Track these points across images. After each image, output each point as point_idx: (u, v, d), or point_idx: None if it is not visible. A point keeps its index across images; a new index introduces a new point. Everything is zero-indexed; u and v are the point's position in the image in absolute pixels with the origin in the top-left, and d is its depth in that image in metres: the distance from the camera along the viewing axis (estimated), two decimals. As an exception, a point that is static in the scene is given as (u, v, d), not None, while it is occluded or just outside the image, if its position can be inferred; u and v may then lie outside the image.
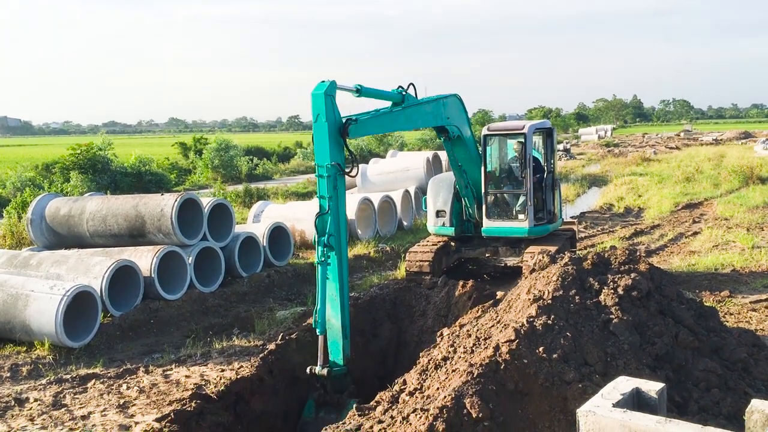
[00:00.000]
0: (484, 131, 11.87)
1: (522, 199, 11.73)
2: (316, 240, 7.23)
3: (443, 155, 24.05)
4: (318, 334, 7.15)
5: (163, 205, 11.67)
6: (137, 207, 11.97)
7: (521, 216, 11.66)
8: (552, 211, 12.01)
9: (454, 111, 10.63)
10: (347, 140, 7.44)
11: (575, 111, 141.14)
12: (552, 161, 12.22)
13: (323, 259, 7.16)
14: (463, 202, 12.20)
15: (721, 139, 63.40)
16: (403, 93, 8.96)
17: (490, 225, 11.84)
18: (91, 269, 10.62)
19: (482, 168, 11.67)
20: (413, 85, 9.27)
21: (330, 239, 7.19)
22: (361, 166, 21.15)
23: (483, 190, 11.77)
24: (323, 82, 7.31)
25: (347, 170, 7.41)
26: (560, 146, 49.91)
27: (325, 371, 7.04)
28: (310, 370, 7.12)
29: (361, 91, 8.01)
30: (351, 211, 16.61)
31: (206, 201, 12.53)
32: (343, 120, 7.46)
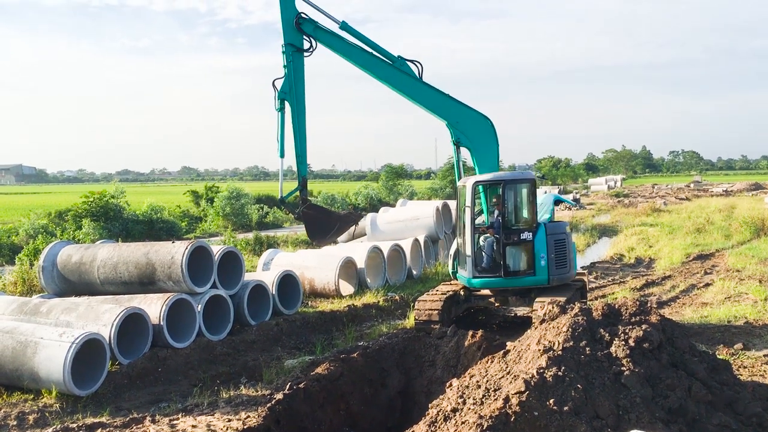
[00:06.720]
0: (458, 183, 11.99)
1: (469, 249, 11.63)
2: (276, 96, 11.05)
3: (453, 204, 24.17)
4: (279, 157, 11.77)
5: (173, 253, 11.75)
6: (148, 255, 12.06)
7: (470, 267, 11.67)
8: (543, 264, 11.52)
9: (472, 129, 11.10)
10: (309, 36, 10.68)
11: (585, 161, 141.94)
12: (532, 212, 11.72)
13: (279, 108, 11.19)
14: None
15: (731, 191, 63.43)
16: (403, 59, 9.70)
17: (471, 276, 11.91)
18: (101, 317, 10.64)
19: (457, 217, 11.93)
20: (420, 64, 10.06)
21: (285, 96, 10.97)
22: (370, 214, 21.44)
23: (458, 239, 12.00)
24: None
25: (305, 49, 10.80)
26: (570, 196, 50.12)
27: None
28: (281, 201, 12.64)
29: (341, 25, 9.77)
30: (360, 259, 16.66)
31: (216, 249, 12.60)
32: (299, 13, 10.74)
